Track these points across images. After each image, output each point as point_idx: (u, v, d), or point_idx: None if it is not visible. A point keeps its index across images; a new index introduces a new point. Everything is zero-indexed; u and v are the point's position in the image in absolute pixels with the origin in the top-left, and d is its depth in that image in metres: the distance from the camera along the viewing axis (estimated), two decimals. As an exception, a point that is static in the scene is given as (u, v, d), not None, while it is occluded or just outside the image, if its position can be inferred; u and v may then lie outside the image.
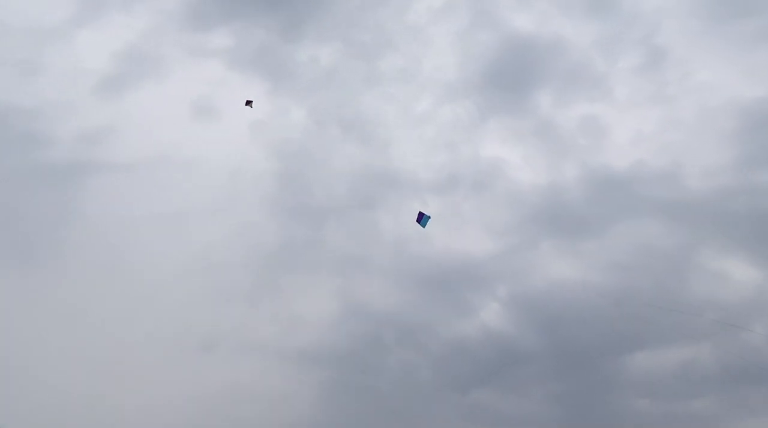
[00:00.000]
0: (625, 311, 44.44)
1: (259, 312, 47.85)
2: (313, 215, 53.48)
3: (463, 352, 46.35)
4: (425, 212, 33.07)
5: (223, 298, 47.76)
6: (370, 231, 52.33)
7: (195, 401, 41.82)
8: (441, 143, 57.60)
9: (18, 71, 54.20)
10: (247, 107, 37.61)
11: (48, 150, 52.52)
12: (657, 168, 52.06)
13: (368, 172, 55.06)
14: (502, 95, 58.63)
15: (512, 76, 58.69)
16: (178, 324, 45.39)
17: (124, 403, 40.66)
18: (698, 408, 40.41)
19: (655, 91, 56.23)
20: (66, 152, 53.05)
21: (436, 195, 54.92)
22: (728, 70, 53.59)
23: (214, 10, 59.29)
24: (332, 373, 45.74)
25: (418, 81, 59.80)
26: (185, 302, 46.75)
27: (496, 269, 49.91)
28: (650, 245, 48.33)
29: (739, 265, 45.80)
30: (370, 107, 57.96)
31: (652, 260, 47.58)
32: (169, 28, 58.59)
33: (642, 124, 55.14)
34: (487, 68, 58.76)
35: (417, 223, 33.45)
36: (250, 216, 52.19)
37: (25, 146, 52.29)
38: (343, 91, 58.72)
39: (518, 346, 46.44)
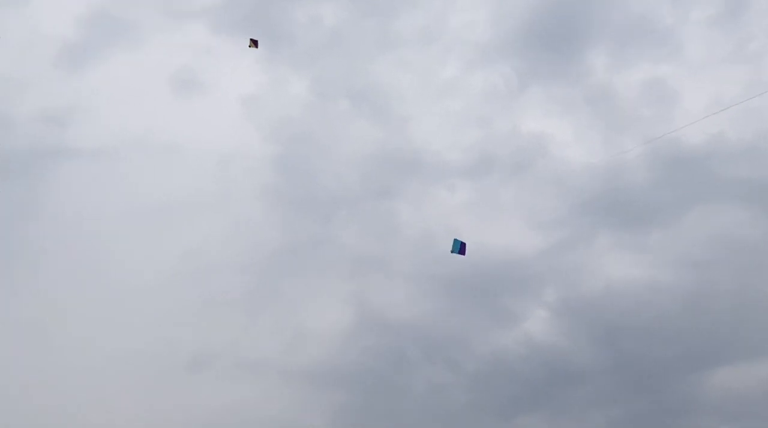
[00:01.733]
0: (702, 317, 44.12)
1: (258, 324, 48.00)
2: (320, 208, 53.45)
3: (505, 370, 46.17)
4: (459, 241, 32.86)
5: (216, 308, 47.79)
6: (388, 226, 52.25)
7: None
8: (472, 117, 56.88)
9: (-37, 41, 54.65)
10: (252, 49, 36.67)
11: (1, 134, 52.44)
12: (739, 142, 51.07)
13: (384, 155, 54.68)
14: (546, 57, 57.74)
15: (558, 32, 57.67)
16: (163, 338, 45.42)
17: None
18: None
19: (735, 47, 55.04)
20: (23, 137, 53.03)
21: (467, 180, 54.53)
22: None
23: (197, -37, 58.70)
24: (346, 396, 45.73)
25: (443, 42, 59.02)
26: (171, 313, 47.00)
27: (543, 268, 49.56)
28: (732, 237, 47.47)
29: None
30: (385, 75, 57.36)
31: (735, 255, 46.86)
32: (144, -14, 58.15)
33: (720, 88, 53.64)
34: (526, 24, 57.48)
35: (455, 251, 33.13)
36: (245, 211, 52.27)
37: (-26, 130, 52.58)
38: (352, 58, 58.25)
39: (571, 362, 45.99)
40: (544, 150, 54.61)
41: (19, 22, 55.27)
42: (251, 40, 36.12)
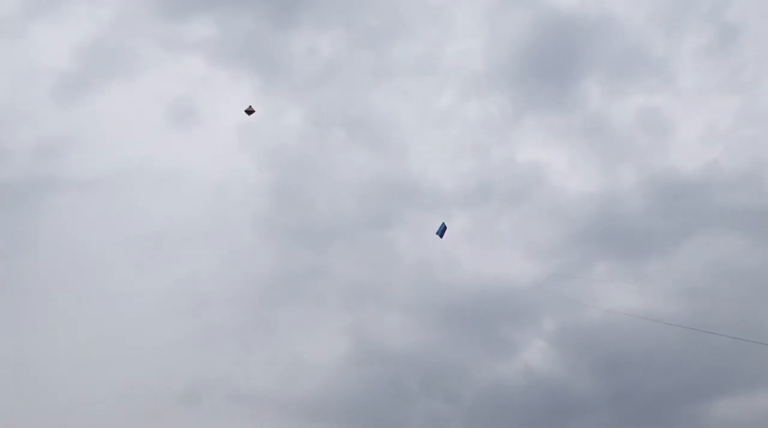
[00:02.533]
0: (701, 347, 43.72)
1: (253, 355, 47.59)
2: (316, 238, 53.20)
3: (504, 401, 45.68)
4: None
5: (211, 339, 47.53)
6: (384, 255, 52.10)
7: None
8: (468, 145, 57.40)
9: (-39, 72, 54.85)
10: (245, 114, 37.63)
11: (-1, 164, 52.61)
12: (734, 170, 51.62)
13: (381, 183, 54.83)
14: (541, 86, 58.40)
15: (552, 62, 58.45)
16: (157, 370, 45.12)
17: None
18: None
19: (727, 76, 55.90)
20: (19, 168, 52.99)
21: (464, 209, 54.67)
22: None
23: (193, -5, 59.33)
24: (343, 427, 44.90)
25: (439, 72, 59.82)
26: (165, 344, 46.48)
27: (540, 298, 48.79)
28: (730, 264, 47.53)
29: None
30: (382, 105, 57.87)
31: (733, 284, 46.67)
32: (141, 18, 58.64)
33: (713, 117, 54.71)
34: (521, 54, 58.38)
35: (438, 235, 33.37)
36: (240, 240, 52.14)
37: (-29, 160, 52.50)
38: (348, 87, 58.70)
39: (570, 393, 45.63)
40: (541, 179, 55.17)
41: (16, 54, 55.66)
42: (248, 109, 36.99)
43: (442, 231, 34.29)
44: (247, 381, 45.82)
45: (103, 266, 49.98)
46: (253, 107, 37.99)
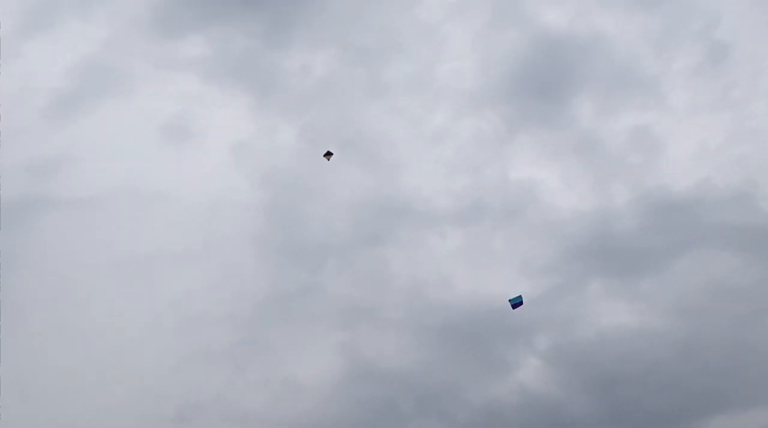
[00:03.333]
0: (696, 364, 43.77)
1: (245, 376, 47.35)
2: (309, 257, 53.10)
3: (498, 420, 45.31)
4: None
5: (202, 359, 47.20)
6: (378, 274, 51.92)
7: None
8: (461, 164, 57.52)
9: (-47, 91, 54.74)
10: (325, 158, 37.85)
11: (-13, 185, 52.53)
12: (726, 188, 51.80)
13: (374, 202, 54.76)
14: (534, 105, 58.64)
15: (545, 81, 58.80)
16: (148, 391, 44.77)
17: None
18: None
19: (718, 96, 56.35)
20: (9, 187, 52.20)
21: (458, 227, 54.55)
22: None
23: (186, 14, 59.52)
24: (337, 450, 44.56)
25: (432, 90, 59.94)
26: (156, 365, 46.32)
27: (534, 316, 48.56)
28: (723, 282, 47.67)
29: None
30: (375, 123, 58.06)
31: (727, 301, 46.86)
32: (134, 37, 58.73)
33: (705, 135, 54.97)
34: (514, 73, 58.76)
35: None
36: (232, 259, 52.00)
37: (-38, 179, 52.38)
38: (341, 106, 58.80)
39: (566, 412, 45.24)
40: (534, 197, 55.06)
41: (8, 73, 55.27)
42: (327, 152, 37.37)
43: (517, 302, 34.78)
44: (239, 402, 45.52)
45: (94, 286, 49.72)
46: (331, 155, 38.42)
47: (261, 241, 53.27)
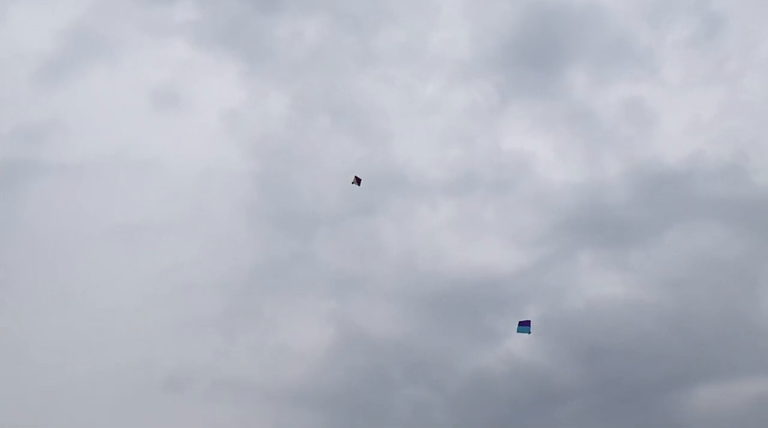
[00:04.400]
0: (684, 336, 44.20)
1: (236, 343, 47.33)
2: (300, 226, 53.10)
3: (487, 389, 45.76)
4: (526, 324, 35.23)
5: (193, 327, 47.23)
6: (369, 243, 51.99)
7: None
8: (453, 134, 57.42)
9: (-60, 56, 54.09)
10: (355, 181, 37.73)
11: (-23, 149, 51.96)
12: (717, 161, 51.95)
13: (366, 171, 54.09)
14: (527, 75, 58.50)
15: (539, 51, 58.58)
16: (139, 357, 44.78)
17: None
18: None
19: (712, 68, 56.33)
20: (0, 151, 52.37)
21: (449, 198, 54.67)
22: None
23: (177, -21, 58.65)
24: (327, 416, 44.94)
25: (424, 60, 59.68)
26: (147, 333, 46.22)
27: (524, 287, 49.42)
28: (712, 254, 48.11)
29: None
30: (367, 92, 57.66)
31: (716, 272, 47.32)
32: (123, 2, 58.27)
33: (698, 108, 55.00)
34: (508, 42, 58.43)
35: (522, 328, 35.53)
36: (223, 228, 51.96)
37: (-50, 144, 51.83)
38: (333, 74, 58.51)
39: (554, 381, 45.66)
40: (526, 168, 55.16)
41: (-4, 37, 54.94)
42: (356, 178, 37.28)
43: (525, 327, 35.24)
44: (230, 369, 45.73)
45: (85, 253, 49.79)
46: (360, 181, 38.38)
47: (252, 210, 53.33)
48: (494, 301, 49.00)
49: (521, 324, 35.60)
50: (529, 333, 35.41)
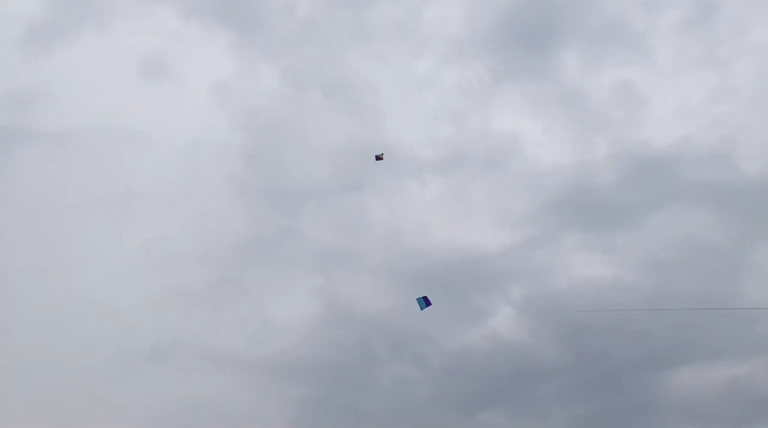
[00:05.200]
0: (665, 317, 44.48)
1: (222, 316, 47.62)
2: (289, 200, 53.08)
3: (469, 366, 46.19)
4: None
5: (179, 298, 47.49)
6: (357, 220, 52.07)
7: (145, 421, 41.34)
8: (445, 112, 57.16)
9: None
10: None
11: (-38, 116, 51.48)
12: (705, 146, 51.94)
13: (356, 148, 54.11)
14: (520, 55, 58.19)
15: (532, 31, 58.15)
16: (124, 327, 45.06)
17: (57, 424, 40.09)
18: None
19: (703, 53, 56.17)
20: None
21: (438, 176, 54.71)
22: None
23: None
24: (311, 390, 45.44)
25: (417, 37, 59.22)
26: (132, 303, 46.42)
27: (510, 266, 49.78)
28: (696, 239, 48.35)
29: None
30: (359, 68, 57.30)
31: (699, 257, 47.68)
32: (113, -32, 57.09)
33: (688, 93, 55.07)
34: (501, 22, 58.01)
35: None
36: (211, 201, 51.90)
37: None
38: (325, 49, 57.94)
39: (535, 360, 46.26)
40: (515, 149, 55.07)
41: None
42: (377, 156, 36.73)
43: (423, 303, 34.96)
44: (216, 341, 45.91)
45: (70, 223, 49.63)
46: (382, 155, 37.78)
47: (240, 183, 53.21)
48: (479, 279, 49.37)
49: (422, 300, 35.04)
50: (424, 308, 34.80)
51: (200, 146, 53.85)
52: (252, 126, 55.14)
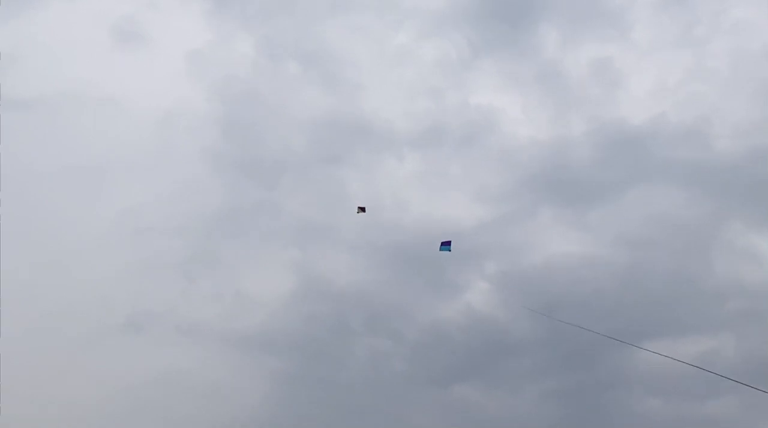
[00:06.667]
0: (636, 294, 45.18)
1: (196, 288, 47.57)
2: (265, 173, 52.78)
3: (444, 340, 46.59)
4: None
5: (153, 270, 47.26)
6: (334, 193, 52.04)
7: (119, 392, 41.19)
8: (422, 86, 57.09)
9: None
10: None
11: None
12: (680, 125, 52.40)
13: (333, 120, 54.14)
14: (499, 30, 57.98)
15: (511, 6, 58.10)
16: (98, 299, 44.67)
17: (32, 394, 39.36)
18: (717, 409, 41.17)
19: (680, 32, 56.39)
20: (-49, 85, 50.37)
21: (415, 150, 54.77)
22: (769, 8, 54.03)
23: None
24: (286, 363, 45.63)
25: (396, 9, 58.79)
26: (106, 274, 46.08)
27: (485, 241, 49.91)
28: (669, 217, 48.90)
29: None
30: (337, 40, 56.79)
31: (671, 234, 48.25)
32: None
33: (664, 71, 55.51)
34: (481, -5, 57.47)
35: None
36: (186, 172, 51.49)
37: None
38: (302, 20, 57.29)
39: (509, 334, 46.70)
40: (493, 124, 55.27)
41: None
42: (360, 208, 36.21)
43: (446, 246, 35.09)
44: (190, 313, 45.85)
45: (43, 194, 48.73)
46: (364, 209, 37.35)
47: (215, 154, 52.80)
48: (455, 255, 49.02)
49: (443, 243, 35.89)
50: (449, 251, 35.29)
51: (175, 115, 53.39)
52: (228, 96, 54.70)
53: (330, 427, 42.21)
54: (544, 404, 43.62)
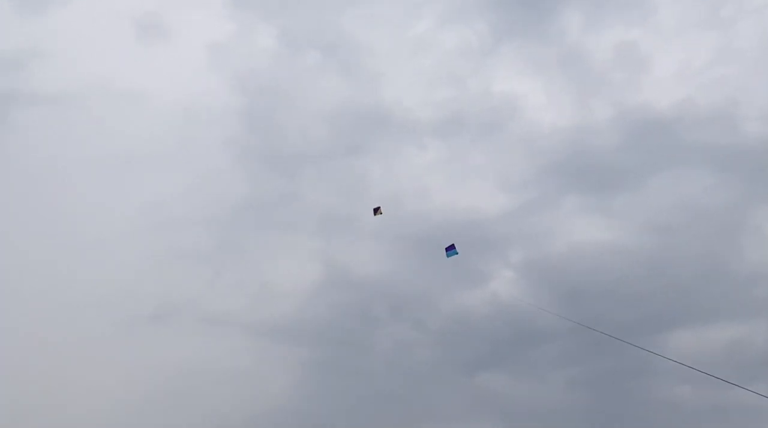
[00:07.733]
0: (663, 281, 44.60)
1: (222, 278, 47.99)
2: (287, 164, 53.00)
3: (469, 328, 46.41)
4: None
5: (179, 261, 47.70)
6: (356, 183, 51.94)
7: (146, 381, 41.85)
8: (443, 74, 56.62)
9: None
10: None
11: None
12: (707, 108, 51.40)
13: (354, 110, 54.02)
14: (521, 14, 57.52)
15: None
16: (125, 290, 45.16)
17: (60, 385, 40.41)
18: (747, 397, 40.32)
19: (706, 14, 55.47)
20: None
21: (437, 139, 54.45)
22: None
23: None
24: (312, 352, 45.91)
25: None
26: (132, 266, 46.77)
27: (510, 230, 49.66)
28: (696, 202, 48.18)
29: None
30: (356, 29, 56.52)
31: (698, 220, 47.49)
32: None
33: (689, 54, 54.41)
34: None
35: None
36: (209, 163, 51.81)
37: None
38: (322, 10, 57.21)
39: (535, 322, 45.84)
40: (515, 111, 54.74)
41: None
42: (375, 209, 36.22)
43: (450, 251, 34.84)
44: (216, 304, 46.28)
45: (69, 186, 49.63)
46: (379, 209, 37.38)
47: (238, 146, 53.04)
48: (479, 243, 49.19)
49: (448, 249, 35.35)
50: (457, 254, 34.88)
51: (198, 107, 53.73)
52: (250, 88, 54.91)
53: (357, 415, 42.48)
54: (571, 392, 43.60)
